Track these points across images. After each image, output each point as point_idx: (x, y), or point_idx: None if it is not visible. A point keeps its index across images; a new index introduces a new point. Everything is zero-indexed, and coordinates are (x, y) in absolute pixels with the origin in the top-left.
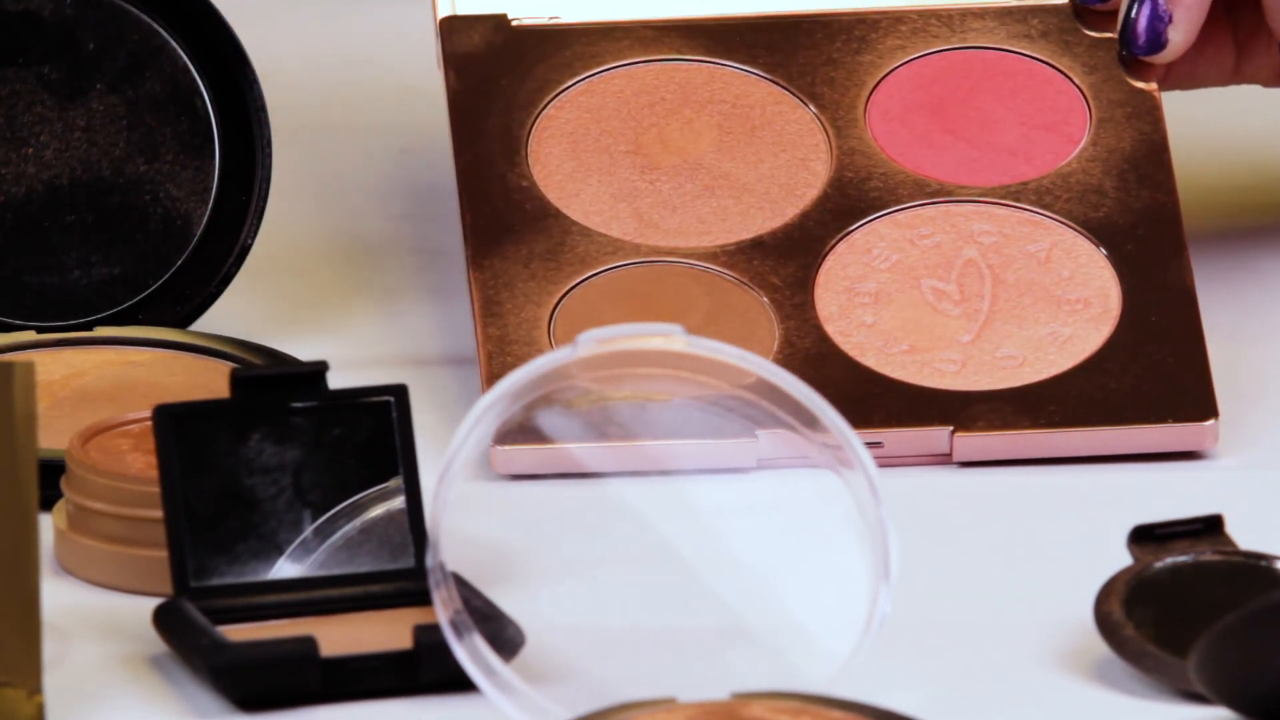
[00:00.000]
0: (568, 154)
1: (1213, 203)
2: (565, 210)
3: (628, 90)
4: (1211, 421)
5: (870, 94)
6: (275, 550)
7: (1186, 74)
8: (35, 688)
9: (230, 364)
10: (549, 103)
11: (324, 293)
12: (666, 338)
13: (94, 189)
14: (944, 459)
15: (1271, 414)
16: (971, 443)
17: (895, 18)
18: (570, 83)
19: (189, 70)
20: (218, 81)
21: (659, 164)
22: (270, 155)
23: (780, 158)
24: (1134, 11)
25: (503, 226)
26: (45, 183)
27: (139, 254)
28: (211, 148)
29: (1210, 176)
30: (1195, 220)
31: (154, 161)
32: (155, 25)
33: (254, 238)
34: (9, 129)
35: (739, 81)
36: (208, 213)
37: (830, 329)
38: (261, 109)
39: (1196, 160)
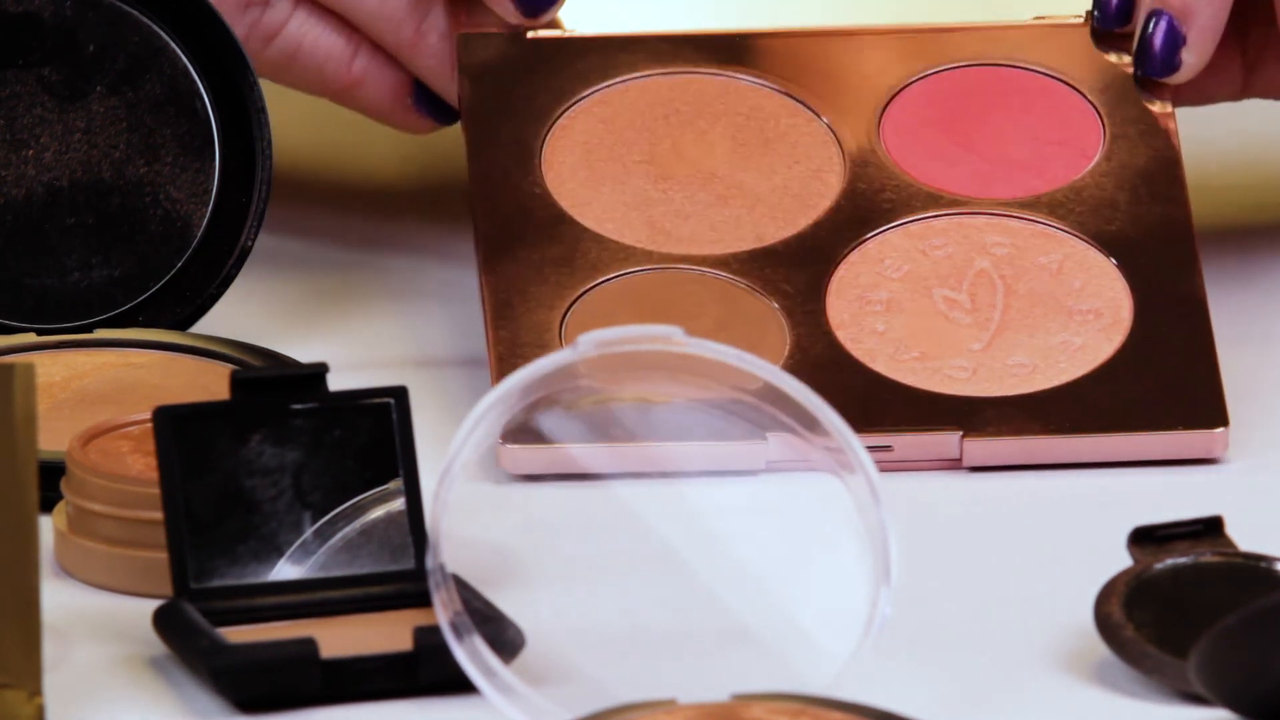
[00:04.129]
0: (581, 163)
1: (1225, 214)
2: (578, 218)
3: (642, 101)
4: (1221, 430)
5: (884, 108)
6: (275, 552)
7: (1196, 91)
8: (35, 689)
9: (230, 366)
10: (563, 113)
11: (325, 294)
12: (666, 340)
13: (94, 191)
14: (954, 464)
15: (1277, 418)
16: (981, 447)
17: (912, 34)
18: (585, 93)
19: (189, 72)
20: (218, 83)
21: (672, 174)
22: (270, 157)
23: (794, 169)
24: (1150, 33)
25: (515, 233)
26: (45, 185)
27: (139, 256)
28: (212, 150)
29: (1223, 189)
30: (1207, 231)
31: (154, 163)
32: (155, 27)
33: (254, 239)
34: (9, 131)
35: (754, 94)
36: (208, 214)
37: (841, 335)
38: (261, 110)
39: (1209, 172)
